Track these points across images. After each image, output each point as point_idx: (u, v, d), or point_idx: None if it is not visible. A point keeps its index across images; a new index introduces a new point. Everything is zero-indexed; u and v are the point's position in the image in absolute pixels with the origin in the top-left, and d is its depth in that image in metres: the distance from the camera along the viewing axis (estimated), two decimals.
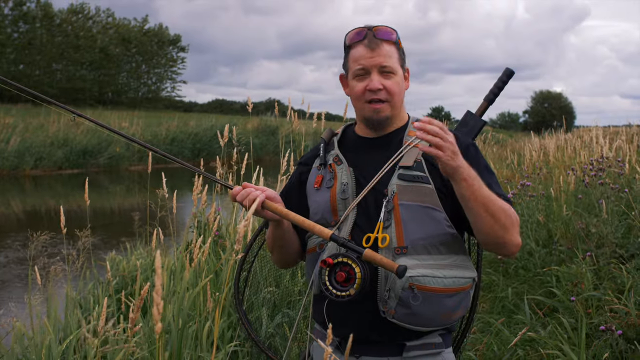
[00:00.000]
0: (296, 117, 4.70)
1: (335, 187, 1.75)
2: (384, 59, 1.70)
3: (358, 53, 1.73)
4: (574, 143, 9.21)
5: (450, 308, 1.65)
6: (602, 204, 4.75)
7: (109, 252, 5.62)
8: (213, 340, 3.14)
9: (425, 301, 1.59)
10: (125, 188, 17.79)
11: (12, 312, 3.36)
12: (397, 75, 1.72)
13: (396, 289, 1.59)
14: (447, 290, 1.61)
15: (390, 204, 1.66)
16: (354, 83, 1.75)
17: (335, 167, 1.78)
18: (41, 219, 11.85)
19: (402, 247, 1.63)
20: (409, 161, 1.69)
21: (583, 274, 3.88)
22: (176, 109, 46.93)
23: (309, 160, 1.90)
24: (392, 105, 1.74)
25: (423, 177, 1.67)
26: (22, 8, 41.60)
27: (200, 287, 3.12)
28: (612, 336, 3.15)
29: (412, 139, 1.72)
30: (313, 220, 1.77)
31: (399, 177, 1.68)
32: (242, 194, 1.73)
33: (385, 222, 1.66)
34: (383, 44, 1.71)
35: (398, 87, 1.73)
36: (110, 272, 3.56)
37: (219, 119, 31.37)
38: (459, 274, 1.64)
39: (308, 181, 1.86)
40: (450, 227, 1.67)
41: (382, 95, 1.71)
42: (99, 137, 22.02)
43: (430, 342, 1.70)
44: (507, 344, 3.67)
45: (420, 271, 1.59)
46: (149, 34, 51.70)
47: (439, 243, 1.65)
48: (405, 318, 1.62)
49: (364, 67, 1.71)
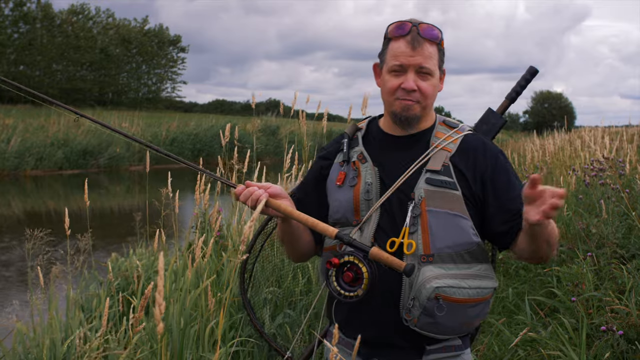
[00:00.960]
0: (304, 117, 4.68)
1: (359, 187, 1.70)
2: (423, 60, 1.65)
3: (399, 49, 1.66)
4: (574, 143, 9.21)
5: (472, 317, 1.63)
6: (603, 204, 4.75)
7: (110, 253, 5.62)
8: (214, 340, 3.15)
9: (449, 312, 1.57)
10: (125, 188, 17.80)
11: (14, 311, 3.36)
12: (433, 77, 1.68)
13: (421, 298, 1.56)
14: (471, 301, 1.59)
15: (417, 209, 1.61)
16: (388, 77, 1.69)
17: (359, 165, 1.73)
18: (41, 220, 11.84)
19: (429, 255, 1.59)
20: (437, 165, 1.65)
21: (584, 274, 3.87)
22: (176, 110, 46.97)
23: (331, 155, 1.84)
24: (424, 107, 1.69)
25: (451, 183, 1.63)
26: (23, 9, 41.60)
27: (201, 288, 3.12)
28: (613, 337, 3.15)
29: (439, 141, 1.69)
30: (334, 218, 1.75)
31: (427, 182, 1.63)
32: (245, 193, 1.68)
33: (412, 228, 1.61)
34: (426, 43, 1.65)
35: (433, 89, 1.68)
36: (111, 273, 3.56)
37: (219, 119, 31.36)
38: (482, 284, 1.61)
39: (329, 177, 1.80)
40: (476, 236, 1.63)
41: (415, 96, 1.66)
42: (99, 138, 22.02)
43: (450, 344, 1.68)
44: (507, 344, 3.67)
45: (446, 282, 1.56)
46: (149, 34, 51.73)
47: (464, 252, 1.61)
48: (427, 327, 1.59)
49: (402, 64, 1.65)
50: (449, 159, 1.66)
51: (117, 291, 4.25)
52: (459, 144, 1.69)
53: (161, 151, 2.04)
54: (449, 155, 1.66)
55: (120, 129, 2.04)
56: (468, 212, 1.62)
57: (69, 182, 18.50)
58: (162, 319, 2.94)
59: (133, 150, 22.12)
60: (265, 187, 1.70)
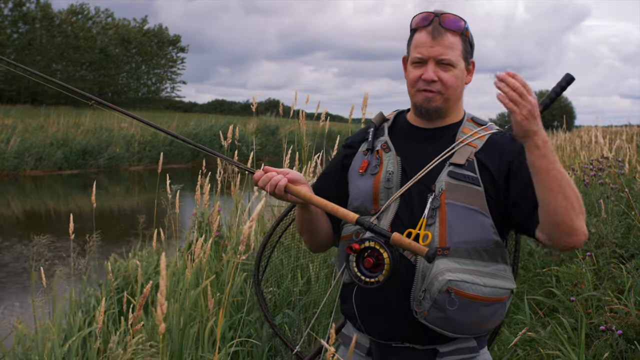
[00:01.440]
0: (304, 117, 4.69)
1: (380, 175, 1.68)
2: (443, 51, 1.62)
3: (420, 39, 1.65)
4: (573, 143, 9.21)
5: (485, 317, 1.58)
6: (602, 204, 4.76)
7: (110, 253, 5.62)
8: (214, 340, 3.15)
9: (461, 307, 1.52)
10: (125, 188, 17.80)
11: (15, 312, 3.37)
12: (456, 68, 1.64)
13: (432, 290, 1.53)
14: (484, 299, 1.54)
15: (436, 201, 1.59)
16: (410, 69, 1.68)
17: (382, 153, 1.71)
18: (41, 220, 11.85)
19: (444, 248, 1.56)
20: (461, 159, 1.63)
21: (583, 274, 3.88)
22: (176, 110, 46.99)
23: (355, 144, 1.82)
24: (446, 98, 1.66)
25: (473, 178, 1.60)
26: (22, 9, 41.59)
27: (201, 288, 3.12)
28: (612, 336, 3.15)
29: (466, 136, 1.67)
30: (352, 206, 1.72)
31: (449, 175, 1.61)
32: (263, 178, 1.67)
33: (429, 220, 1.59)
34: (447, 33, 1.63)
35: (455, 80, 1.65)
36: (111, 273, 3.57)
37: (218, 119, 31.36)
38: (498, 284, 1.57)
39: (352, 165, 1.78)
40: (495, 234, 1.60)
41: (436, 87, 1.64)
42: (99, 138, 22.02)
43: (464, 346, 1.64)
44: (507, 344, 3.68)
45: (460, 276, 1.52)
46: (148, 34, 51.74)
47: (482, 249, 1.58)
48: (437, 322, 1.56)
49: (423, 55, 1.64)
50: (474, 154, 1.63)
51: (117, 292, 4.25)
52: (485, 140, 1.67)
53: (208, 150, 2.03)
54: (474, 150, 1.64)
55: (174, 132, 2.01)
56: (489, 209, 1.59)
57: (68, 182, 18.50)
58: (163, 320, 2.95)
59: (132, 151, 22.12)
60: (284, 172, 1.69)
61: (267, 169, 1.69)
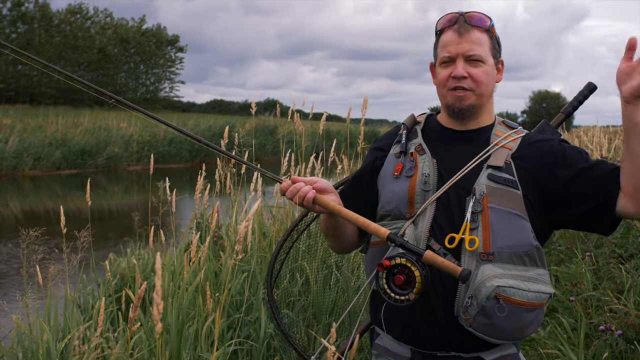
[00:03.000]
0: (299, 118, 4.69)
1: (416, 177, 1.64)
2: (471, 46, 1.61)
3: (447, 39, 1.64)
4: (572, 143, 9.20)
5: (527, 323, 1.55)
6: None
7: (108, 252, 5.61)
8: (213, 340, 3.14)
9: (508, 313, 1.49)
10: (123, 188, 17.79)
11: (12, 311, 3.35)
12: (486, 64, 1.63)
13: (480, 297, 1.49)
14: (529, 305, 1.51)
15: (478, 205, 1.55)
16: (439, 70, 1.67)
17: (416, 156, 1.68)
18: (40, 220, 11.84)
19: (489, 254, 1.53)
20: (499, 161, 1.60)
21: (582, 274, 3.88)
22: (174, 110, 47.04)
23: (386, 147, 1.78)
24: (478, 95, 1.63)
25: (513, 181, 1.57)
26: (21, 9, 41.57)
27: (194, 286, 3.11)
28: (611, 336, 3.15)
29: (500, 138, 1.65)
30: (386, 210, 1.68)
31: (489, 177, 1.58)
32: (291, 190, 1.64)
33: (472, 224, 1.55)
34: (474, 30, 1.62)
35: (486, 76, 1.63)
36: (109, 272, 3.55)
37: (217, 119, 31.35)
38: (541, 289, 1.53)
39: (383, 168, 1.74)
40: (534, 239, 1.57)
41: (467, 83, 1.62)
42: (97, 138, 22.01)
43: (506, 353, 1.62)
44: None
45: (507, 281, 1.49)
46: (147, 34, 51.72)
47: (523, 253, 1.54)
48: (483, 328, 1.53)
49: (451, 54, 1.63)
50: (510, 157, 1.61)
51: (115, 291, 4.24)
52: (519, 143, 1.65)
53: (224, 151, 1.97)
54: (510, 153, 1.62)
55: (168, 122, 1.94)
56: (527, 213, 1.57)
57: (67, 182, 18.49)
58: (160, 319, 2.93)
59: (131, 151, 22.11)
60: (312, 181, 1.66)
61: (295, 179, 1.65)
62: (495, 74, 1.68)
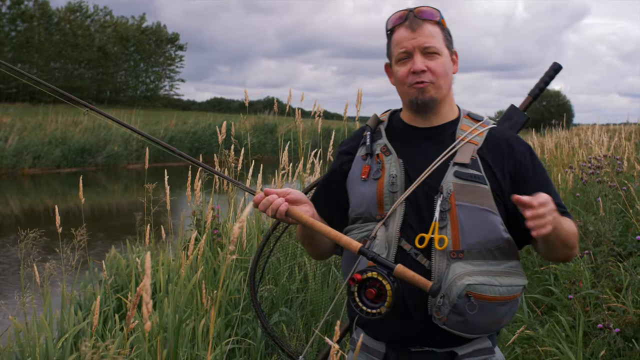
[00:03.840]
0: (299, 115, 4.68)
1: (384, 179, 1.64)
2: (426, 39, 1.61)
3: (400, 36, 1.64)
4: (572, 141, 9.21)
5: (501, 316, 1.57)
6: (600, 202, 4.75)
7: (107, 250, 5.61)
8: (209, 338, 3.14)
9: (480, 310, 1.51)
10: (123, 186, 17.80)
11: (10, 310, 3.35)
12: (442, 55, 1.63)
13: (452, 296, 1.50)
14: (502, 299, 1.53)
15: (446, 204, 1.56)
16: (397, 68, 1.66)
17: (383, 157, 1.67)
18: (40, 218, 11.84)
19: (459, 251, 1.54)
20: (465, 158, 1.60)
21: (581, 272, 3.87)
22: (174, 108, 47.01)
23: (352, 149, 1.77)
24: (438, 87, 1.63)
25: (480, 177, 1.58)
26: (20, 7, 41.55)
27: (192, 283, 3.10)
28: (609, 334, 3.14)
29: (466, 134, 1.65)
30: (357, 213, 1.68)
31: (455, 175, 1.58)
32: (264, 202, 1.63)
33: (441, 223, 1.56)
34: (425, 23, 1.63)
35: (444, 68, 1.63)
36: (106, 271, 3.55)
37: (217, 117, 31.34)
38: (513, 282, 1.56)
39: (351, 171, 1.74)
40: (505, 232, 1.57)
41: (427, 77, 1.61)
42: (97, 136, 22.01)
43: (481, 347, 1.63)
44: (505, 342, 3.67)
45: (478, 279, 1.50)
46: (147, 32, 51.70)
47: (494, 248, 1.56)
48: (457, 325, 1.54)
49: (407, 49, 1.62)
50: (476, 152, 1.61)
51: (116, 290, 4.24)
52: (485, 137, 1.65)
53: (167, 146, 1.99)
54: (476, 148, 1.62)
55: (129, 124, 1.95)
56: (497, 207, 1.57)
57: (67, 180, 18.49)
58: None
59: (131, 149, 22.11)
60: (285, 193, 1.65)
61: (268, 191, 1.65)
62: (451, 65, 1.68)
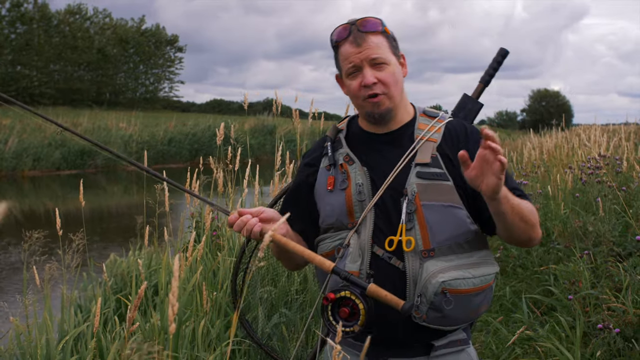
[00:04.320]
0: (297, 116, 4.69)
1: (350, 189, 1.67)
2: (372, 51, 1.64)
3: (346, 51, 1.67)
4: (571, 141, 9.21)
5: (478, 305, 1.63)
6: (600, 202, 4.75)
7: (108, 253, 5.62)
8: (210, 340, 3.14)
9: (456, 303, 1.55)
10: (123, 188, 17.79)
11: (11, 312, 3.35)
12: (390, 64, 1.66)
13: (428, 294, 1.54)
14: (476, 290, 1.58)
15: (412, 205, 1.60)
16: (348, 82, 1.69)
17: (347, 167, 1.70)
18: (40, 220, 11.84)
19: (430, 250, 1.58)
20: (426, 157, 1.64)
21: (580, 272, 3.87)
22: (174, 109, 47.05)
23: (315, 161, 1.80)
24: (391, 96, 1.66)
25: (441, 174, 1.62)
26: (20, 9, 41.58)
27: (191, 285, 3.10)
28: (609, 334, 3.15)
29: (423, 133, 1.67)
30: (327, 223, 1.72)
31: (418, 175, 1.62)
32: (238, 223, 1.66)
33: (408, 224, 1.60)
34: (369, 36, 1.65)
35: (393, 77, 1.66)
36: (106, 273, 3.55)
37: (216, 119, 31.34)
38: (485, 272, 1.61)
39: (317, 183, 1.77)
40: (472, 224, 1.63)
41: (378, 88, 1.64)
42: (96, 138, 21.99)
43: (455, 339, 1.68)
44: (505, 342, 3.68)
45: (451, 274, 1.55)
46: (146, 34, 51.74)
47: (463, 241, 1.61)
48: (436, 321, 1.58)
49: (355, 63, 1.65)
50: (435, 149, 1.65)
51: (115, 292, 4.24)
52: (442, 132, 1.69)
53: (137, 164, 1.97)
54: (435, 145, 1.65)
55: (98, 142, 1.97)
56: (461, 200, 1.61)
57: (67, 182, 18.48)
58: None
59: (130, 151, 22.10)
60: (258, 212, 1.68)
61: (242, 212, 1.68)
62: (400, 70, 1.71)
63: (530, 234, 1.61)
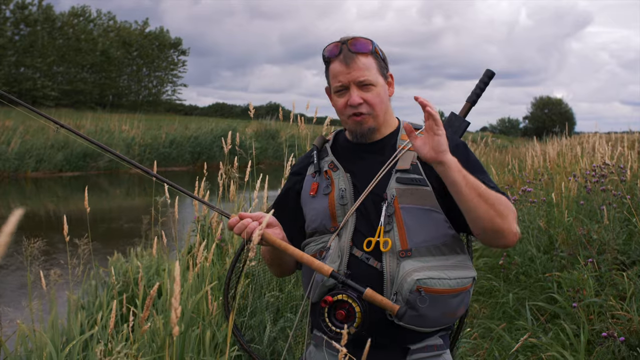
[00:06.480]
0: (303, 121, 4.71)
1: (334, 193, 1.75)
2: (360, 73, 1.69)
3: (335, 69, 1.73)
4: (575, 149, 9.21)
5: (454, 307, 1.67)
6: (604, 210, 4.76)
7: (110, 256, 5.62)
8: (216, 344, 3.14)
9: (432, 303, 1.60)
10: (125, 191, 17.80)
11: (16, 315, 3.36)
12: (377, 86, 1.71)
13: (404, 292, 1.60)
14: (452, 291, 1.63)
15: (391, 208, 1.66)
16: (335, 98, 1.76)
17: (331, 173, 1.78)
18: (42, 222, 11.85)
19: (406, 250, 1.64)
20: (406, 164, 1.71)
21: (585, 280, 3.88)
22: (177, 113, 47.06)
23: (302, 170, 1.89)
24: (375, 116, 1.73)
25: (421, 180, 1.68)
26: (24, 11, 41.69)
27: (202, 293, 3.12)
28: (614, 343, 3.15)
29: (406, 143, 1.74)
30: (312, 228, 1.79)
31: (397, 181, 1.69)
32: (239, 226, 1.70)
33: (387, 226, 1.66)
34: (359, 57, 1.70)
35: (379, 98, 1.72)
36: (114, 276, 3.55)
37: (219, 122, 31.37)
38: (461, 275, 1.65)
39: (303, 190, 1.85)
40: (450, 228, 1.68)
41: (364, 109, 1.71)
42: (99, 140, 21.97)
43: (432, 344, 1.71)
44: (508, 349, 3.67)
45: (427, 273, 1.60)
46: (149, 37, 51.84)
47: (441, 244, 1.66)
48: (412, 320, 1.62)
49: (342, 83, 1.71)
50: (416, 157, 1.71)
51: (119, 294, 4.25)
52: None
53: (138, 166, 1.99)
54: (416, 154, 1.71)
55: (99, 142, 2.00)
56: (440, 205, 1.67)
57: (69, 184, 18.51)
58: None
59: (133, 153, 22.13)
60: (258, 217, 1.72)
61: (242, 215, 1.71)
62: (387, 90, 1.77)
63: (497, 222, 1.57)
